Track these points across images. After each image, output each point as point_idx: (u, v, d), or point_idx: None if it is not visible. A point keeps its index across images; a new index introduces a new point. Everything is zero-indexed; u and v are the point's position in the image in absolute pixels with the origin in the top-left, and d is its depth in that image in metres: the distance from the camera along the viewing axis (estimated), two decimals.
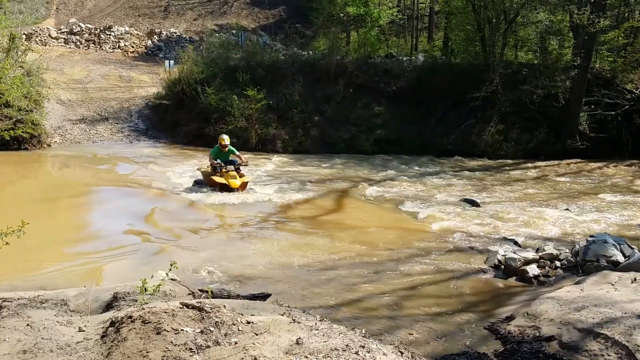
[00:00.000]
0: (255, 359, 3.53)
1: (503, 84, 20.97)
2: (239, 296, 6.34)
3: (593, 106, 20.95)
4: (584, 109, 21.04)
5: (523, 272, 7.86)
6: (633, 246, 8.29)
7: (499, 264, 8.31)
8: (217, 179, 12.93)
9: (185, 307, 4.23)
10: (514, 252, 8.49)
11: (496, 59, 21.90)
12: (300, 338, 3.80)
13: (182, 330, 3.88)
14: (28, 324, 4.24)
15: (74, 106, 23.21)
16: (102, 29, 35.13)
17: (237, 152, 13.91)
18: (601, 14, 20.20)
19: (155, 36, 35.51)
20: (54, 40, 33.28)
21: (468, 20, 24.27)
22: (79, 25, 34.79)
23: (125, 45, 34.24)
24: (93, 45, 33.72)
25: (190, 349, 3.69)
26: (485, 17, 23.17)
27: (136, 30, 36.45)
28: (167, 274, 5.48)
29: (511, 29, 22.91)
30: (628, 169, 18.31)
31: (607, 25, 20.88)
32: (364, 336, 4.15)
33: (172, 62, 26.02)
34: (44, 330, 4.17)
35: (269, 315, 4.69)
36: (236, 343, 3.82)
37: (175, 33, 36.47)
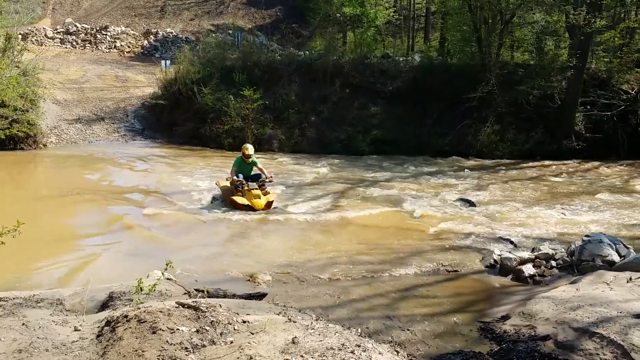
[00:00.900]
0: (251, 358, 3.53)
1: (499, 85, 20.96)
2: (234, 295, 6.33)
3: (589, 107, 21.00)
4: (579, 110, 21.06)
5: (519, 272, 7.88)
6: (629, 246, 8.32)
7: (494, 264, 8.33)
8: (239, 200, 11.26)
9: (181, 307, 4.23)
10: (509, 252, 8.53)
11: (492, 59, 21.89)
12: (296, 337, 3.81)
13: (178, 329, 3.88)
14: (23, 324, 4.24)
15: (70, 106, 23.15)
16: (99, 29, 35.08)
17: (260, 165, 12.21)
18: (597, 14, 20.22)
19: (151, 36, 35.46)
20: (50, 40, 33.22)
21: (464, 20, 24.28)
22: (75, 25, 34.72)
23: (121, 45, 34.18)
24: (89, 45, 33.67)
25: (186, 348, 3.69)
26: (481, 18, 23.18)
27: (132, 30, 36.40)
28: (163, 274, 5.48)
29: (507, 30, 22.89)
30: (623, 169, 18.35)
31: (603, 26, 20.89)
32: (359, 335, 4.16)
33: (169, 62, 26.02)
34: (39, 329, 4.16)
35: (265, 314, 4.69)
36: (232, 342, 3.82)
37: (172, 33, 36.41)
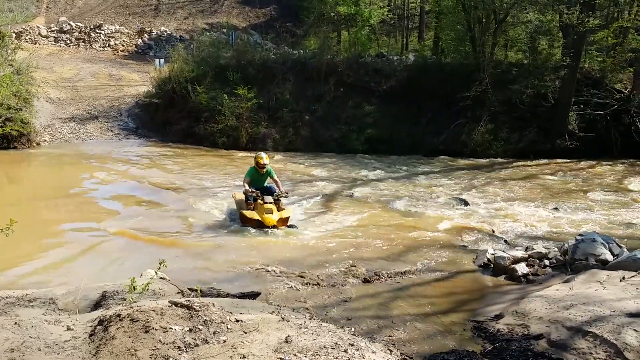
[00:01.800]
0: (244, 357, 3.52)
1: (493, 84, 21.03)
2: (228, 295, 6.33)
3: (582, 106, 21.07)
4: (573, 109, 21.13)
5: (512, 271, 7.90)
6: (622, 245, 8.35)
7: (488, 263, 8.35)
8: (248, 214, 10.12)
9: (174, 306, 4.22)
10: (503, 251, 8.53)
11: (486, 58, 21.95)
12: (289, 336, 3.81)
13: (171, 328, 3.87)
14: (16, 323, 4.21)
15: (64, 105, 23.08)
16: (92, 27, 34.92)
17: (276, 177, 10.93)
18: (590, 13, 20.30)
19: (145, 35, 35.36)
20: (44, 38, 33.09)
21: (458, 20, 24.34)
22: (69, 24, 34.57)
23: (115, 44, 34.07)
24: (83, 43, 33.56)
25: (179, 347, 3.68)
26: (475, 17, 23.25)
27: (126, 28, 36.29)
28: (157, 273, 5.47)
29: (501, 29, 22.95)
30: (617, 169, 18.42)
31: (597, 25, 20.96)
32: (352, 334, 4.15)
33: (163, 61, 25.98)
34: (31, 328, 4.14)
35: (258, 313, 4.69)
36: (225, 341, 3.81)
37: (166, 32, 36.32)
